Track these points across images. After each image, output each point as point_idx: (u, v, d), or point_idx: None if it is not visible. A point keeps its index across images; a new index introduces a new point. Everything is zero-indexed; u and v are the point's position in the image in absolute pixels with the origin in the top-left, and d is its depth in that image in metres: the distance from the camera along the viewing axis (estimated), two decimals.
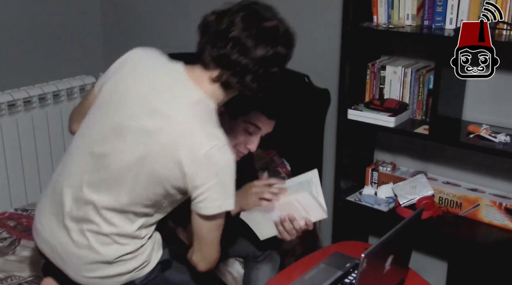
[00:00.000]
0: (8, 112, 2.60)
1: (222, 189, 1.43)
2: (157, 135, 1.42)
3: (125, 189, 1.49)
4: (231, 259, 2.11)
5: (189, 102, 1.45)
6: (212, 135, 1.43)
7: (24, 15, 2.76)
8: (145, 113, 1.45)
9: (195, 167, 1.40)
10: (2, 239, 2.24)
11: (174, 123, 1.42)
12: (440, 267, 2.46)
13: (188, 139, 1.40)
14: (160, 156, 1.42)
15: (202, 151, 1.39)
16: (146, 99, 1.46)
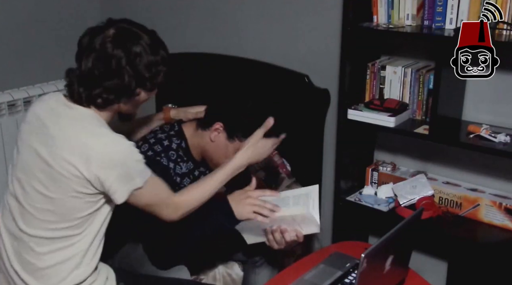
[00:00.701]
0: (8, 112, 2.60)
1: (125, 175, 1.51)
2: (51, 154, 1.53)
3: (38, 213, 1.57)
4: (230, 262, 2.11)
5: (72, 119, 1.55)
6: (97, 134, 1.52)
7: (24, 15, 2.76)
8: (39, 142, 1.56)
9: (93, 169, 1.49)
10: None
11: (60, 136, 1.52)
12: (440, 267, 2.46)
13: (75, 145, 1.50)
14: (59, 171, 1.51)
15: (93, 151, 1.48)
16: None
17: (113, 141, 1.52)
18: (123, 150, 1.52)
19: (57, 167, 1.50)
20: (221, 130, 1.76)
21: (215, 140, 1.77)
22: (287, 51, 2.66)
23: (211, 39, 2.90)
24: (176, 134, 1.84)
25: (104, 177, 1.49)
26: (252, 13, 2.75)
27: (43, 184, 1.54)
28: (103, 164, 1.49)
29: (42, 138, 1.55)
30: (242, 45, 2.79)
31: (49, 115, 1.57)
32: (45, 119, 1.57)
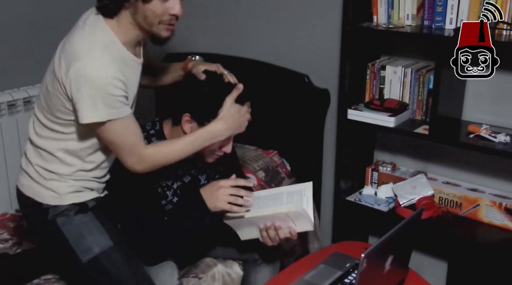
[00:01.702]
0: (8, 112, 2.59)
1: (92, 100, 1.52)
2: (57, 54, 1.62)
3: (43, 101, 1.68)
4: (230, 261, 2.11)
5: (85, 27, 1.60)
6: (90, 52, 1.53)
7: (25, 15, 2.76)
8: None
9: (67, 80, 1.53)
10: (4, 241, 2.24)
11: (68, 42, 1.59)
12: (440, 267, 2.46)
13: (69, 53, 1.56)
14: (54, 67, 1.60)
15: (72, 63, 1.52)
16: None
17: (97, 65, 1.52)
18: (100, 77, 1.52)
19: (56, 60, 1.59)
20: (191, 120, 1.75)
21: (189, 131, 1.75)
22: (287, 51, 2.66)
23: (211, 39, 2.90)
24: (156, 133, 1.84)
25: (74, 89, 1.53)
26: (252, 13, 2.75)
27: (50, 75, 1.63)
28: (78, 78, 1.51)
29: (68, 38, 1.64)
30: (242, 45, 2.79)
31: (82, 19, 1.65)
32: (79, 22, 1.65)
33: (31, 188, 1.73)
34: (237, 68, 1.85)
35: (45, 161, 1.70)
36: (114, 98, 1.54)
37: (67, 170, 1.69)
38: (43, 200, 1.71)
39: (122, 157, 1.64)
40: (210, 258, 2.10)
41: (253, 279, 2.11)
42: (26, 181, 1.74)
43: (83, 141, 1.67)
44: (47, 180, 1.70)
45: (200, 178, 1.94)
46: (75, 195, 1.71)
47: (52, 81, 1.61)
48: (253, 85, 1.82)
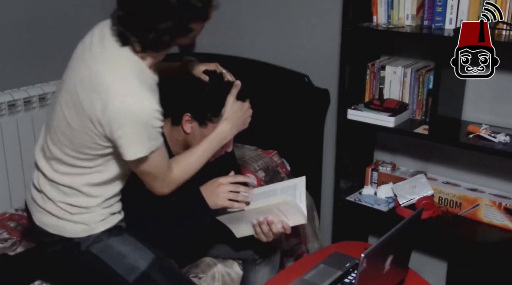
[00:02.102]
0: (8, 112, 2.59)
1: (137, 136, 1.49)
2: (80, 85, 1.52)
3: (62, 138, 1.60)
4: (230, 260, 2.11)
5: (109, 55, 1.51)
6: (126, 84, 1.47)
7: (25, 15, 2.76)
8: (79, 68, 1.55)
9: (105, 118, 1.47)
10: (3, 240, 2.24)
11: (95, 74, 1.50)
12: (440, 267, 2.46)
13: (102, 88, 1.47)
14: (82, 104, 1.51)
15: (111, 99, 1.46)
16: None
17: (139, 99, 1.47)
18: (143, 112, 1.47)
19: (81, 98, 1.50)
20: (191, 120, 1.75)
21: (190, 131, 1.75)
22: (287, 51, 2.66)
23: (211, 39, 2.89)
24: None
25: (115, 127, 1.47)
26: (252, 13, 2.75)
27: (69, 110, 1.55)
28: (120, 116, 1.46)
29: (81, 63, 1.55)
30: (242, 45, 2.79)
31: (97, 43, 1.54)
32: (94, 45, 1.55)
33: (57, 226, 1.65)
34: (237, 68, 1.85)
35: (67, 196, 1.63)
36: (156, 130, 1.51)
37: (93, 201, 1.64)
38: (73, 235, 1.64)
39: (153, 185, 1.62)
40: (210, 258, 2.10)
41: (253, 279, 2.11)
42: (48, 219, 1.66)
43: (108, 172, 1.62)
44: (73, 215, 1.63)
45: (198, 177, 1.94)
46: (105, 221, 1.66)
47: (77, 118, 1.53)
48: (253, 85, 1.82)
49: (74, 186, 1.62)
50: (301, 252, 2.56)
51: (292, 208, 1.70)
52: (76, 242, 1.64)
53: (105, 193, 1.65)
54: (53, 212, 1.64)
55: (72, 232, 1.64)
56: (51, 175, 1.64)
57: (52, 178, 1.63)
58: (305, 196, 1.76)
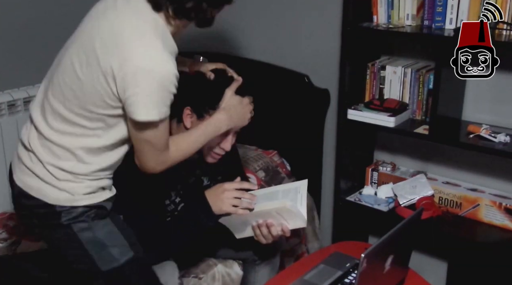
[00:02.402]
0: (8, 112, 2.59)
1: (150, 97, 1.44)
2: (99, 42, 1.48)
3: (67, 93, 1.54)
4: (230, 260, 2.11)
5: (137, 16, 1.48)
6: (149, 43, 1.44)
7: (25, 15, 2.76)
8: (96, 24, 1.53)
9: (120, 73, 1.43)
10: (2, 240, 2.24)
11: (117, 33, 1.46)
12: (440, 267, 2.46)
13: (122, 44, 1.44)
14: (97, 57, 1.47)
15: (131, 55, 1.42)
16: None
17: (161, 60, 1.43)
18: (163, 73, 1.43)
19: (98, 52, 1.45)
20: (192, 114, 1.75)
21: (190, 126, 1.75)
22: (287, 51, 2.66)
23: (211, 39, 2.90)
24: None
25: (129, 84, 1.42)
26: (253, 13, 2.75)
27: (80, 62, 1.49)
28: (137, 72, 1.42)
29: (103, 18, 1.51)
30: (242, 45, 2.79)
31: (123, 3, 1.51)
32: (119, 5, 1.51)
33: (40, 190, 1.58)
34: (238, 68, 1.85)
35: (58, 159, 1.56)
36: (169, 95, 1.47)
37: (84, 169, 1.57)
38: (55, 201, 1.57)
39: (149, 157, 1.56)
40: (210, 258, 2.10)
41: (253, 279, 2.11)
42: (34, 181, 1.59)
43: (106, 138, 1.56)
44: (60, 181, 1.57)
45: (203, 179, 1.94)
46: (90, 196, 1.60)
47: (88, 71, 1.47)
48: (253, 85, 1.82)
49: (69, 147, 1.55)
50: (301, 252, 2.56)
51: (292, 213, 1.71)
52: (58, 211, 1.57)
53: (98, 162, 1.58)
54: (39, 175, 1.57)
55: (55, 199, 1.57)
56: (46, 132, 1.57)
57: (47, 136, 1.56)
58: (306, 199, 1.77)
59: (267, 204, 1.74)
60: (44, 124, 1.57)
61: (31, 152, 1.60)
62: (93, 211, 1.60)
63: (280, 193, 1.79)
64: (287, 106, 2.66)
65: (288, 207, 1.69)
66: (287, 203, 1.70)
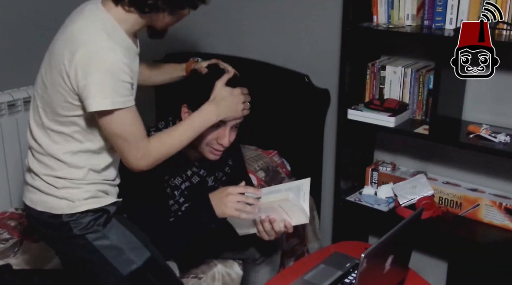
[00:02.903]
0: (8, 112, 2.59)
1: (102, 87, 1.47)
2: (56, 43, 1.56)
3: (39, 101, 1.60)
4: (230, 260, 2.11)
5: (87, 16, 1.55)
6: (94, 37, 1.49)
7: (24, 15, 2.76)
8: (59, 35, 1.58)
9: (72, 67, 1.47)
10: (4, 240, 2.24)
11: (68, 31, 1.53)
12: (440, 267, 2.46)
13: (71, 40, 1.50)
14: (54, 59, 1.53)
15: (78, 48, 1.46)
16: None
17: (105, 49, 1.47)
18: (109, 60, 1.46)
19: (55, 55, 1.53)
20: (188, 111, 1.75)
21: None
22: (287, 51, 2.66)
23: (211, 39, 2.90)
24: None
25: (80, 76, 1.46)
26: (252, 13, 2.75)
27: (45, 70, 1.57)
28: (86, 63, 1.45)
29: (61, 30, 1.58)
30: (242, 45, 2.79)
31: (76, 13, 1.59)
32: (73, 14, 1.60)
33: (44, 202, 1.62)
34: (237, 68, 1.86)
35: (52, 169, 1.60)
36: (123, 84, 1.48)
37: (78, 174, 1.60)
38: (60, 211, 1.60)
39: (127, 152, 1.56)
40: (210, 258, 2.10)
41: (253, 279, 2.11)
42: (37, 196, 1.63)
43: (90, 144, 1.60)
44: (59, 189, 1.60)
45: (207, 179, 1.94)
46: (90, 201, 1.62)
47: (50, 75, 1.54)
48: (253, 85, 1.83)
49: (56, 155, 1.58)
50: (301, 252, 2.56)
51: (294, 206, 1.71)
52: (66, 221, 1.59)
53: (89, 165, 1.60)
54: (40, 188, 1.62)
55: (58, 208, 1.60)
56: (34, 146, 1.62)
57: (37, 149, 1.62)
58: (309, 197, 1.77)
59: (269, 196, 1.74)
60: (31, 139, 1.64)
61: (31, 171, 1.65)
62: (101, 218, 1.62)
63: (283, 191, 1.79)
64: (287, 106, 2.66)
65: (291, 200, 1.69)
66: (290, 195, 1.70)
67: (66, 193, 1.60)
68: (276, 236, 1.78)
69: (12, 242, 2.23)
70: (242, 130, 1.86)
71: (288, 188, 1.80)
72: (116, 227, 1.65)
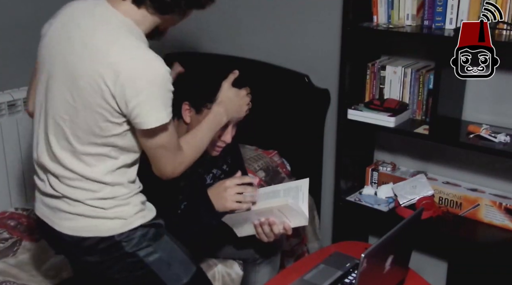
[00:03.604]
0: (8, 112, 2.59)
1: (154, 102, 1.41)
2: (79, 62, 1.43)
3: (67, 126, 1.49)
4: (230, 260, 2.11)
5: (106, 23, 1.44)
6: (130, 48, 1.41)
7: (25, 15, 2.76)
8: (66, 45, 1.47)
9: (117, 87, 1.39)
10: (3, 240, 2.24)
11: (92, 45, 1.42)
12: (440, 267, 2.46)
13: (106, 57, 1.39)
14: (86, 81, 1.42)
15: (122, 67, 1.38)
16: (68, 34, 1.48)
17: (149, 61, 1.40)
18: (158, 75, 1.40)
19: (85, 76, 1.41)
20: (190, 108, 1.75)
21: (189, 120, 1.75)
22: (287, 51, 2.66)
23: (211, 39, 2.90)
24: None
25: (129, 96, 1.38)
26: (252, 13, 2.75)
27: (70, 91, 1.45)
28: (133, 82, 1.38)
29: (70, 44, 1.46)
30: (242, 45, 2.79)
31: (83, 16, 1.47)
32: (80, 20, 1.47)
33: (92, 227, 1.53)
34: (237, 68, 1.85)
35: (94, 192, 1.52)
36: (169, 95, 1.44)
37: (122, 190, 1.54)
38: (111, 232, 1.53)
39: (165, 162, 1.52)
40: (210, 258, 2.10)
41: (253, 279, 2.11)
42: (80, 222, 1.53)
43: (121, 156, 1.52)
44: (108, 210, 1.52)
45: (206, 177, 1.94)
46: (141, 214, 1.57)
47: (81, 98, 1.43)
48: (253, 85, 1.83)
49: (96, 178, 1.50)
50: (301, 252, 2.56)
51: (293, 210, 1.71)
52: (117, 241, 1.53)
53: (127, 176, 1.55)
54: (86, 213, 1.52)
55: (110, 229, 1.53)
56: (67, 174, 1.52)
57: (69, 177, 1.51)
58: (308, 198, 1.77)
59: (268, 201, 1.74)
60: (62, 167, 1.52)
61: (64, 197, 1.54)
62: (150, 232, 1.58)
63: (281, 192, 1.79)
64: (287, 106, 2.66)
65: (290, 205, 1.69)
66: (289, 201, 1.70)
67: (117, 212, 1.54)
68: (275, 238, 1.78)
69: (11, 241, 2.23)
70: (242, 130, 1.86)
71: (287, 189, 1.80)
72: (165, 241, 1.62)
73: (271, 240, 1.79)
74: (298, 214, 1.72)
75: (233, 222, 1.79)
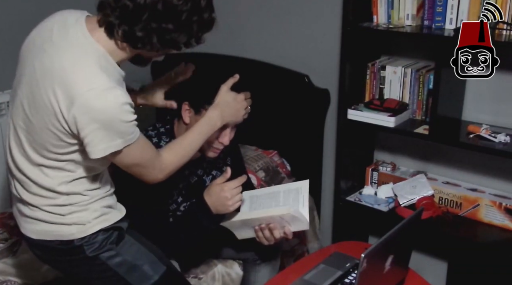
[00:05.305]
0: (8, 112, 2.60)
1: (105, 132, 1.39)
2: (42, 77, 1.42)
3: (23, 136, 1.49)
4: (230, 261, 2.11)
5: (77, 47, 1.42)
6: (91, 78, 1.38)
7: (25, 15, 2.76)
8: (38, 54, 1.46)
9: (70, 115, 1.38)
10: (3, 240, 2.24)
11: (59, 65, 1.40)
12: (440, 267, 2.46)
13: (66, 81, 1.38)
14: (43, 97, 1.41)
15: (78, 96, 1.36)
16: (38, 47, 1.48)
17: (105, 94, 1.37)
18: (111, 107, 1.37)
19: (42, 92, 1.41)
20: (189, 109, 1.75)
21: (189, 121, 1.76)
22: (287, 51, 2.66)
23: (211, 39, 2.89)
24: (166, 132, 1.84)
25: (81, 125, 1.38)
26: (252, 13, 2.75)
27: (28, 104, 1.45)
28: (85, 112, 1.36)
29: (43, 54, 1.44)
30: (242, 45, 2.79)
31: (59, 33, 1.45)
32: (55, 35, 1.45)
33: (52, 231, 1.55)
34: (237, 68, 1.86)
35: (51, 199, 1.53)
36: (128, 124, 1.42)
37: (78, 197, 1.54)
38: (71, 237, 1.54)
39: (145, 175, 1.54)
40: (210, 258, 2.10)
41: (253, 279, 2.11)
42: (40, 226, 1.56)
43: (78, 169, 1.52)
44: (65, 216, 1.54)
45: (205, 179, 1.94)
46: (101, 219, 1.57)
47: (36, 114, 1.43)
48: (253, 85, 1.83)
49: (51, 187, 1.52)
50: (301, 252, 2.56)
51: (295, 218, 1.71)
52: (78, 245, 1.55)
53: (85, 186, 1.55)
54: (44, 219, 1.55)
55: (69, 234, 1.55)
56: (26, 181, 1.54)
57: (28, 183, 1.54)
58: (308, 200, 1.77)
59: (271, 210, 1.74)
60: (21, 173, 1.54)
61: (26, 203, 1.57)
62: (113, 235, 1.59)
63: (281, 193, 1.79)
64: (287, 106, 2.66)
65: (292, 213, 1.69)
66: (291, 209, 1.70)
67: (75, 218, 1.54)
68: (276, 241, 1.78)
69: (11, 242, 2.23)
70: (242, 130, 1.86)
71: (287, 190, 1.80)
72: (129, 243, 1.62)
73: (271, 243, 1.79)
74: (299, 220, 1.72)
75: (233, 227, 1.79)
